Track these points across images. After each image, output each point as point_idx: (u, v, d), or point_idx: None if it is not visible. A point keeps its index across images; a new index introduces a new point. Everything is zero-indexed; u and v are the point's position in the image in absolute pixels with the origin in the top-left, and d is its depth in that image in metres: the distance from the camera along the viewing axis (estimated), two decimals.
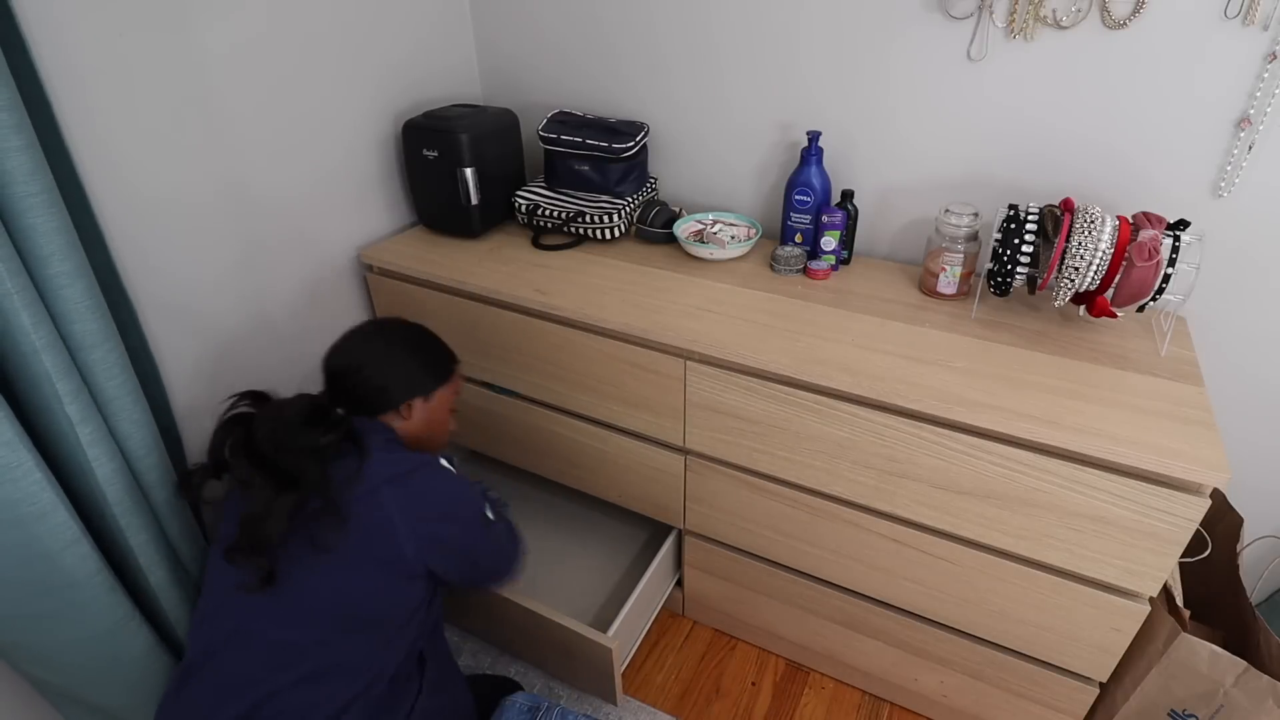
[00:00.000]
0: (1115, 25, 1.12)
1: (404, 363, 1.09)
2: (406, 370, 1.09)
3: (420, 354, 1.12)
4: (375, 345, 1.09)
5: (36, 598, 0.97)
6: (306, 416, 0.98)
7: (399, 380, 1.08)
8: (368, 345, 1.09)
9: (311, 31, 1.30)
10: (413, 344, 1.12)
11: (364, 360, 1.07)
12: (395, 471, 0.96)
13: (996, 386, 1.05)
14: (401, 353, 1.10)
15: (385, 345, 1.10)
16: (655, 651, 1.58)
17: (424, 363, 1.12)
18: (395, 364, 1.08)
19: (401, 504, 0.95)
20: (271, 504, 0.90)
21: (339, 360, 1.08)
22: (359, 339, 1.11)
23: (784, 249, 1.40)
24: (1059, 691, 1.21)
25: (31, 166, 0.86)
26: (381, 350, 1.09)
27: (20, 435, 0.89)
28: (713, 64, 1.45)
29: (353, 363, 1.07)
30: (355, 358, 1.07)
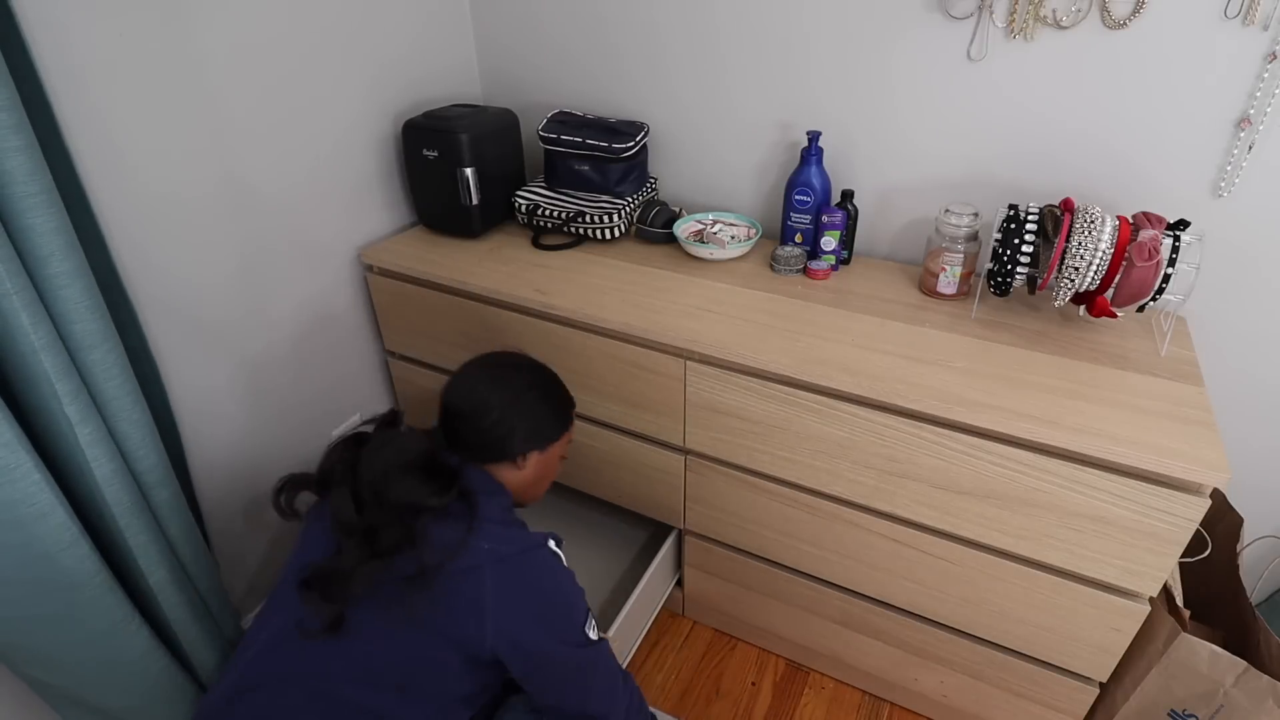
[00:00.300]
0: (1115, 25, 1.12)
1: (532, 411, 1.02)
2: (534, 419, 1.02)
3: (548, 401, 1.06)
4: (505, 388, 1.01)
5: (36, 599, 0.97)
6: (420, 464, 0.90)
7: (525, 430, 1.00)
8: (497, 387, 1.01)
9: (311, 31, 1.30)
10: (542, 389, 1.06)
11: (493, 404, 0.99)
12: (506, 551, 0.89)
13: (996, 386, 1.05)
14: (532, 399, 1.03)
15: (517, 390, 1.02)
16: (655, 651, 1.58)
17: (551, 411, 1.05)
18: (524, 411, 1.01)
19: (501, 586, 0.87)
20: (360, 565, 0.84)
21: (464, 399, 1.00)
22: (488, 377, 1.02)
23: (784, 249, 1.40)
24: (1059, 691, 1.21)
25: (31, 166, 0.86)
26: (513, 395, 1.01)
27: (19, 436, 0.89)
28: (713, 64, 1.45)
29: (480, 405, 0.99)
30: (483, 399, 0.99)
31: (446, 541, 0.86)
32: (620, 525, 1.66)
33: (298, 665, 0.87)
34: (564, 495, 1.71)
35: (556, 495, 1.73)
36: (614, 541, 1.63)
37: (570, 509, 1.71)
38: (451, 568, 0.85)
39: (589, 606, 0.99)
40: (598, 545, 1.63)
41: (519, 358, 1.08)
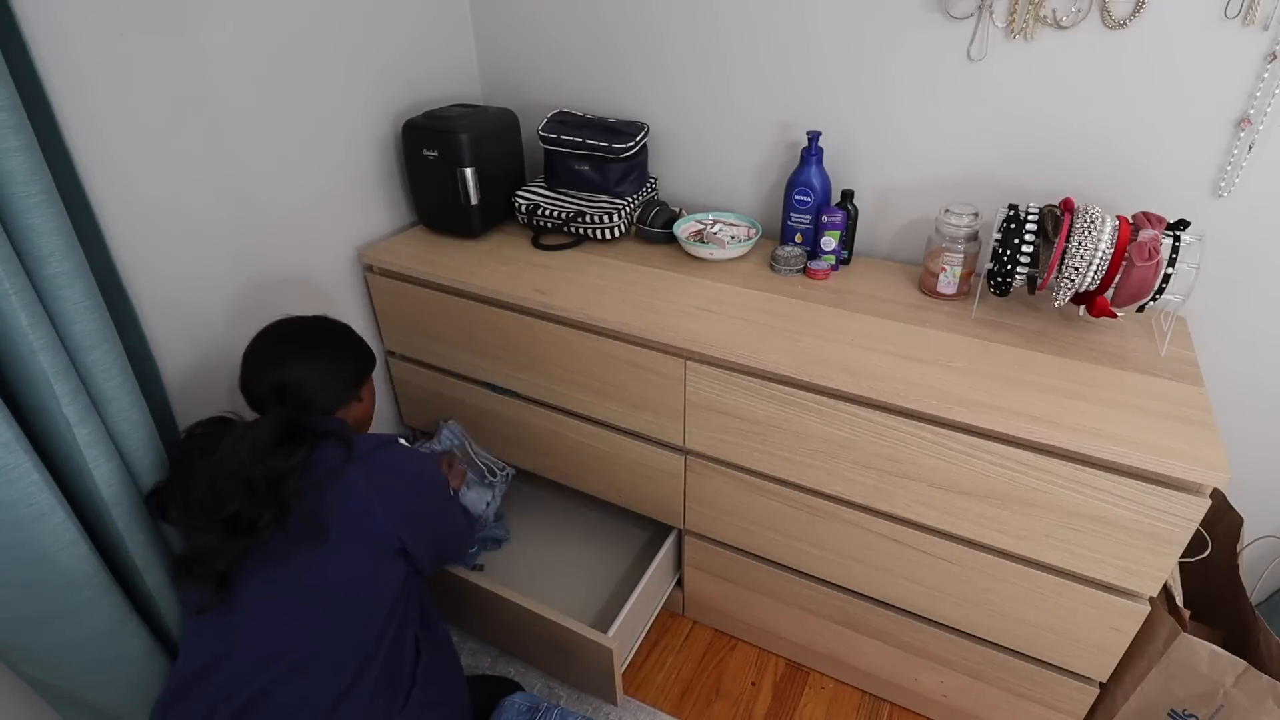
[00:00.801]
0: (1115, 25, 1.12)
1: (350, 356, 1.12)
2: (354, 362, 1.12)
3: (354, 343, 1.14)
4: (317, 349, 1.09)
5: (34, 599, 0.97)
6: (276, 438, 0.96)
7: (351, 373, 1.11)
8: (309, 352, 1.08)
9: (311, 31, 1.30)
10: (345, 336, 1.14)
11: (313, 369, 1.06)
12: (362, 449, 1.00)
13: (996, 386, 1.05)
14: (345, 348, 1.13)
15: (326, 347, 1.10)
16: (655, 651, 1.58)
17: (361, 349, 1.15)
18: (343, 361, 1.11)
19: (372, 476, 0.98)
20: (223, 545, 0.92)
21: (282, 377, 1.05)
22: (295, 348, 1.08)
23: (784, 249, 1.40)
24: (1059, 691, 1.21)
25: (31, 166, 0.86)
26: (326, 353, 1.09)
27: (18, 436, 0.89)
28: (713, 64, 1.45)
29: (301, 375, 1.05)
30: (303, 369, 1.06)
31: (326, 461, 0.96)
32: (620, 525, 1.66)
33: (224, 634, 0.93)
34: (564, 495, 1.72)
35: (557, 495, 1.73)
36: (614, 541, 1.63)
37: (570, 509, 1.71)
38: (329, 483, 0.95)
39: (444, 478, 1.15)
40: (598, 545, 1.63)
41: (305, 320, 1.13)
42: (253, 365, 1.07)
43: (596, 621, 1.44)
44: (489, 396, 1.54)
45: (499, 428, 1.58)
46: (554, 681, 1.51)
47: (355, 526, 0.95)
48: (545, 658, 1.46)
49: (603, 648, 1.26)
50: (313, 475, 0.95)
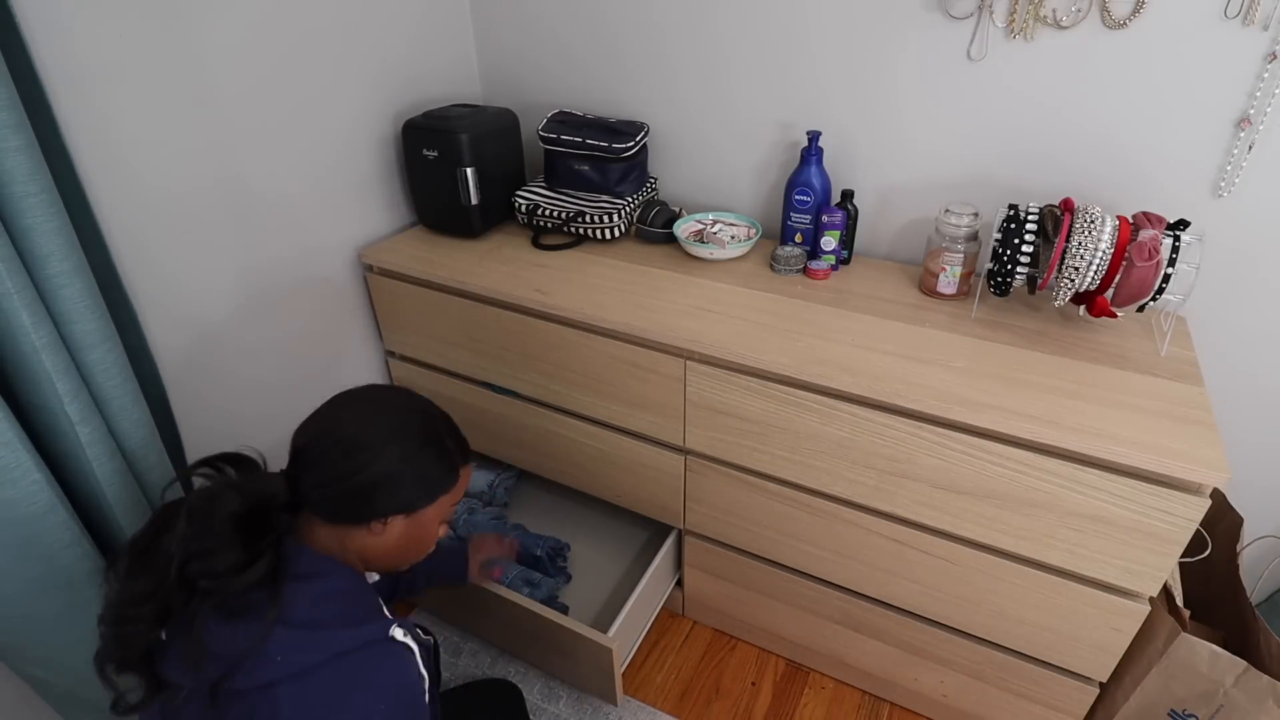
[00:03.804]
0: (1115, 25, 1.12)
1: (404, 466, 0.81)
2: (403, 478, 0.80)
3: (426, 456, 0.83)
4: (373, 434, 0.80)
5: (36, 598, 0.97)
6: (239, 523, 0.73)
7: (388, 489, 0.80)
8: (363, 431, 0.81)
9: (311, 31, 1.30)
10: (421, 440, 0.83)
11: (340, 454, 0.79)
12: (307, 662, 0.71)
13: (996, 386, 1.05)
14: (406, 451, 0.81)
15: (386, 438, 0.81)
16: (655, 651, 1.58)
17: (427, 470, 0.83)
18: (390, 466, 0.80)
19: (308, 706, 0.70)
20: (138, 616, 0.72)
21: (312, 436, 0.81)
22: (353, 413, 0.83)
23: (784, 249, 1.40)
24: (1059, 691, 1.21)
25: (31, 166, 0.86)
26: (380, 443, 0.80)
27: (20, 435, 0.89)
28: (714, 63, 1.45)
29: (327, 448, 0.79)
30: (329, 448, 0.80)
31: (233, 647, 0.70)
32: (620, 525, 1.66)
33: None
34: (564, 495, 1.72)
35: (557, 495, 1.73)
36: (614, 541, 1.63)
37: (570, 509, 1.71)
38: (241, 683, 0.70)
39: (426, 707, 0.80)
40: (598, 545, 1.63)
41: (398, 391, 0.89)
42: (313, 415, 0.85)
43: (596, 621, 1.44)
44: (489, 396, 1.54)
45: (499, 428, 1.58)
46: (554, 681, 1.51)
47: None
48: (545, 658, 1.46)
49: (603, 648, 1.26)
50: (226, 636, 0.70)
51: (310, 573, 0.77)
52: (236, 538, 0.73)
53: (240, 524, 0.74)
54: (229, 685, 0.70)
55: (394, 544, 0.83)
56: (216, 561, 0.71)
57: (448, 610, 1.59)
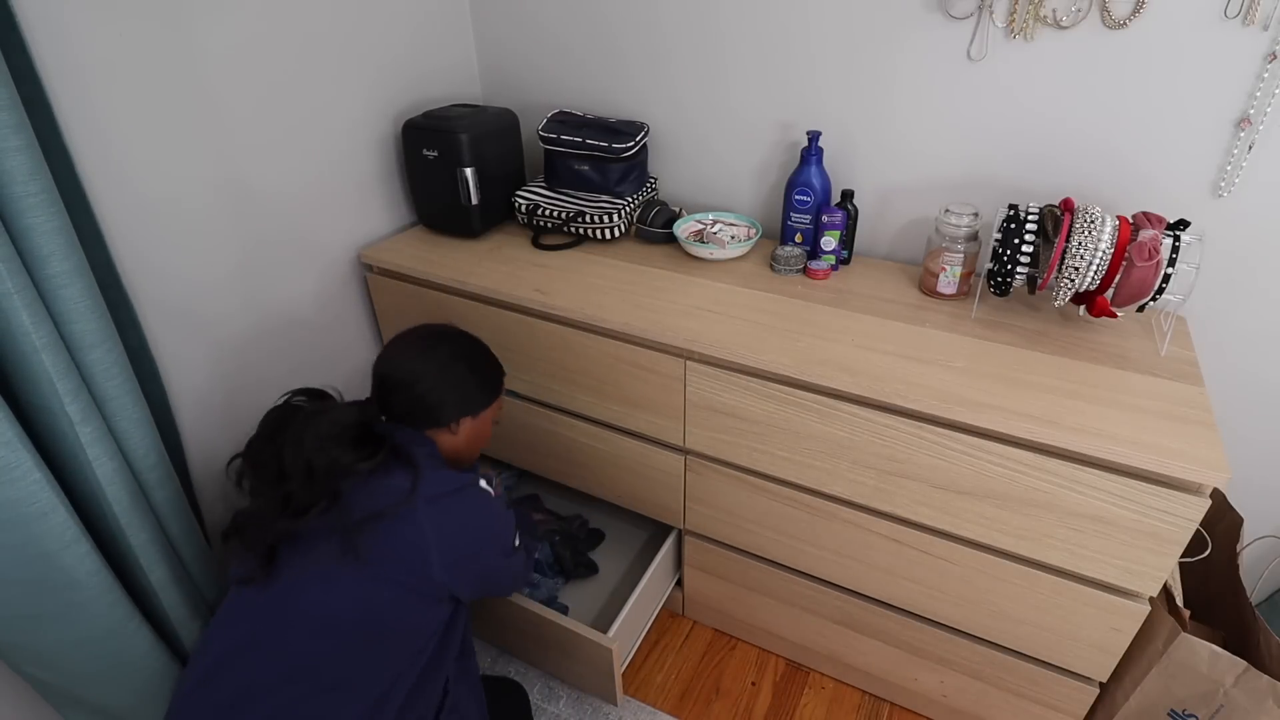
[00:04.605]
0: (1115, 25, 1.12)
1: (462, 381, 1.07)
2: (463, 389, 1.07)
3: (477, 372, 1.10)
4: (433, 360, 1.06)
5: (36, 598, 0.97)
6: (350, 435, 0.94)
7: (454, 399, 1.05)
8: (426, 359, 1.06)
9: (311, 31, 1.30)
10: (471, 360, 1.10)
11: (421, 374, 1.04)
12: (437, 491, 0.94)
13: (996, 386, 1.05)
14: (461, 369, 1.07)
15: (444, 361, 1.06)
16: (655, 651, 1.58)
17: (480, 381, 1.10)
18: (452, 381, 1.06)
19: (439, 525, 0.92)
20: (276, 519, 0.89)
21: (393, 371, 1.05)
22: (417, 350, 1.07)
23: (784, 249, 1.40)
24: (1059, 691, 1.21)
25: (31, 166, 0.86)
26: (440, 366, 1.06)
27: (20, 435, 0.89)
28: (714, 64, 1.45)
29: (408, 376, 1.03)
30: (411, 371, 1.04)
31: (395, 491, 0.91)
32: (620, 525, 1.66)
33: (260, 627, 0.90)
34: (565, 495, 1.71)
35: (557, 495, 1.73)
36: (614, 541, 1.63)
37: (570, 509, 1.71)
38: (391, 515, 0.90)
39: (515, 522, 1.08)
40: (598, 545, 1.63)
41: (447, 329, 1.13)
42: (383, 351, 1.08)
43: (596, 621, 1.44)
44: None
45: (499, 427, 1.58)
46: (554, 681, 1.51)
47: (406, 571, 0.91)
48: (545, 658, 1.46)
49: (603, 648, 1.26)
50: (373, 497, 0.91)
51: (419, 441, 1.02)
52: (348, 443, 0.92)
53: (356, 431, 0.94)
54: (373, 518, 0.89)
55: (465, 439, 1.09)
56: (346, 457, 0.91)
57: None
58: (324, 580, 0.89)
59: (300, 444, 0.90)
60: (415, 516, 0.91)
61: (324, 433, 0.91)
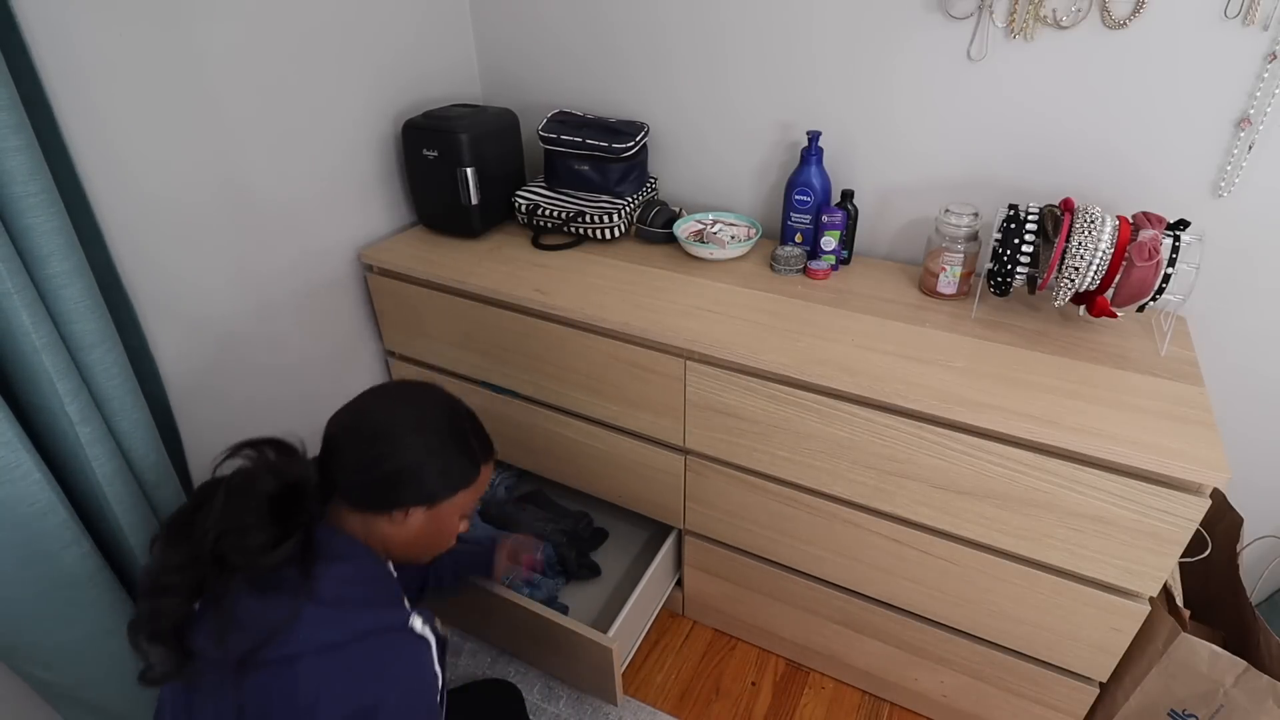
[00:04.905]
0: (1115, 25, 1.12)
1: (425, 456, 0.84)
2: (422, 467, 0.84)
3: (448, 451, 0.87)
4: (396, 423, 0.85)
5: (36, 597, 0.97)
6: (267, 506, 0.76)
7: (410, 480, 0.84)
8: (385, 420, 0.85)
9: (311, 31, 1.30)
10: (445, 434, 0.87)
11: (373, 439, 0.83)
12: (332, 638, 0.73)
13: (996, 386, 1.05)
14: (418, 447, 0.84)
15: (407, 426, 0.85)
16: (655, 651, 1.58)
17: (449, 464, 0.86)
18: (410, 455, 0.84)
19: (324, 683, 0.72)
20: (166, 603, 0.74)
21: (340, 430, 0.86)
22: (378, 408, 0.87)
23: (784, 249, 1.40)
24: (1059, 691, 1.21)
25: (31, 166, 0.86)
26: (402, 432, 0.84)
27: (20, 435, 0.89)
28: (714, 63, 1.45)
29: (357, 439, 0.84)
30: (362, 432, 0.84)
31: (263, 622, 0.72)
32: (620, 525, 1.66)
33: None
34: (565, 495, 1.71)
35: (558, 495, 1.73)
36: (614, 541, 1.63)
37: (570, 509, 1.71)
38: (266, 655, 0.72)
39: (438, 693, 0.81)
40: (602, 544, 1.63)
41: (428, 388, 0.92)
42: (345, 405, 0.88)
43: (596, 621, 1.44)
44: (489, 396, 1.54)
45: (499, 428, 1.57)
46: (554, 682, 1.51)
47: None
48: (545, 658, 1.46)
49: (602, 648, 1.26)
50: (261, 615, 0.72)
51: (339, 554, 0.80)
52: (269, 518, 0.76)
53: (274, 505, 0.77)
54: (253, 657, 0.72)
55: (414, 535, 0.86)
56: (249, 539, 0.74)
57: (448, 610, 1.59)
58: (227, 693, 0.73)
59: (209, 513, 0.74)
60: (295, 667, 0.71)
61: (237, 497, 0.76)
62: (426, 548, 0.90)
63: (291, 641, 0.72)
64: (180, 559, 0.75)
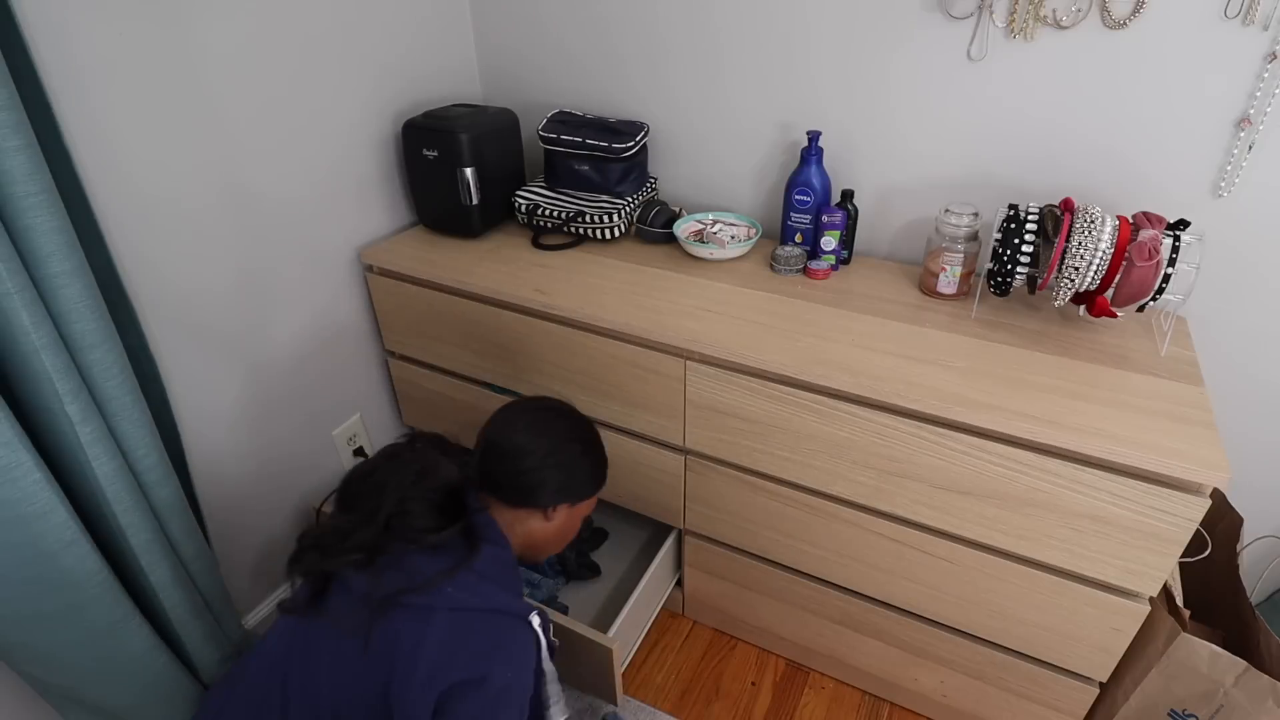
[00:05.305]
0: (1115, 25, 1.12)
1: (573, 464, 1.00)
2: (573, 473, 1.00)
3: (589, 457, 1.04)
4: (548, 436, 0.99)
5: (36, 598, 0.97)
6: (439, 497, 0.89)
7: (559, 481, 0.98)
8: (540, 433, 0.99)
9: (311, 31, 1.30)
10: (585, 444, 1.04)
11: (532, 450, 0.97)
12: (470, 602, 0.83)
13: (996, 386, 1.05)
14: (574, 451, 1.01)
15: (559, 439, 1.00)
16: (655, 651, 1.58)
17: (591, 468, 1.03)
18: (563, 463, 0.99)
19: (447, 640, 0.80)
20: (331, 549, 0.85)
21: (502, 440, 0.98)
22: (532, 422, 1.00)
23: (784, 249, 1.40)
24: (1059, 691, 1.21)
25: (31, 166, 0.86)
26: (553, 444, 0.99)
27: (20, 435, 0.89)
28: (714, 64, 1.45)
29: (517, 448, 0.97)
30: (523, 444, 0.97)
31: (422, 572, 0.83)
32: (620, 525, 1.66)
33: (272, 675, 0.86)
34: None
35: None
36: (614, 541, 1.63)
37: None
38: (410, 600, 0.81)
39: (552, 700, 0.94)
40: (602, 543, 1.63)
41: (565, 406, 1.07)
42: (496, 414, 1.02)
43: (596, 621, 1.44)
44: (489, 396, 1.54)
45: None
46: None
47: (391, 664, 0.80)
48: None
49: (602, 647, 1.26)
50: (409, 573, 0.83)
51: (494, 540, 0.92)
52: (436, 507, 0.88)
53: (443, 495, 0.89)
54: (397, 598, 0.81)
55: (556, 528, 1.01)
56: (416, 520, 0.86)
57: None
58: (335, 657, 0.83)
59: (384, 489, 0.87)
60: (429, 617, 0.81)
61: (411, 485, 0.88)
62: (558, 542, 1.04)
63: (435, 595, 0.82)
64: (349, 525, 0.86)
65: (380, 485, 0.88)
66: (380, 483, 0.88)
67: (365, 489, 0.89)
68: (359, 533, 0.85)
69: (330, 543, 0.85)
